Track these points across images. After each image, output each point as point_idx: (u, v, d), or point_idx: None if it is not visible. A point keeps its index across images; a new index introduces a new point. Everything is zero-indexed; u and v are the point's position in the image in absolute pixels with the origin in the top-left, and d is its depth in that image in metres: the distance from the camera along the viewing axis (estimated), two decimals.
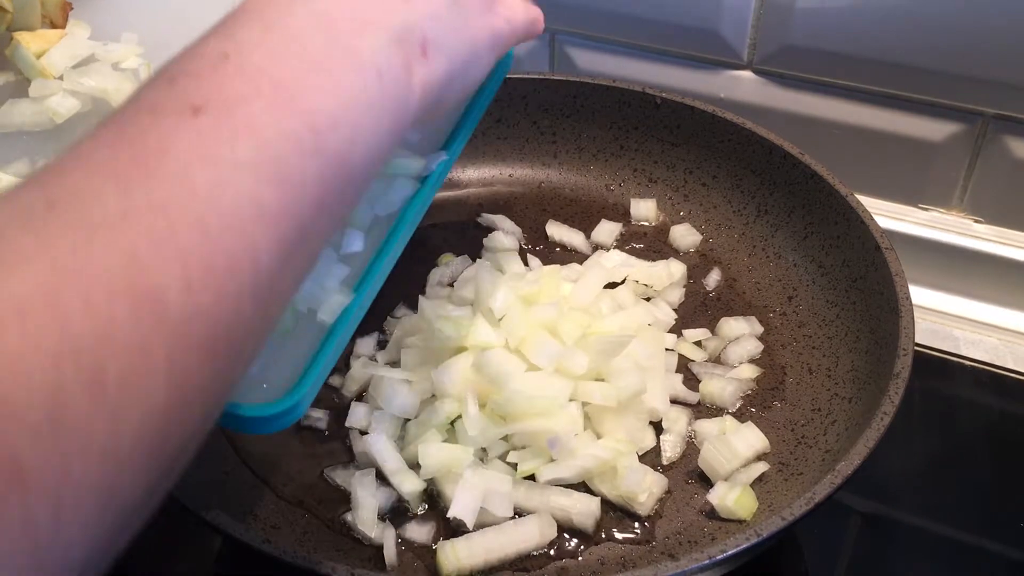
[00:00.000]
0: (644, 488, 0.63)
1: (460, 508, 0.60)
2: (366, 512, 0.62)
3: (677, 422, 0.68)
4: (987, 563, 0.69)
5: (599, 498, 0.63)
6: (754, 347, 0.74)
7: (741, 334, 0.75)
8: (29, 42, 0.57)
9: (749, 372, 0.72)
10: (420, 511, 0.63)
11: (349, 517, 0.63)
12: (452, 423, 0.65)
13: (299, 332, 0.50)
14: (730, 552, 0.52)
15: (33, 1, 0.57)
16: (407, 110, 0.45)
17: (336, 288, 0.51)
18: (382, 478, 0.64)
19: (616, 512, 0.64)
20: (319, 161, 0.39)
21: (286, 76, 0.39)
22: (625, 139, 0.87)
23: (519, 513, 0.62)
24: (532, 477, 0.63)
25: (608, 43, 0.95)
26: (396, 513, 0.63)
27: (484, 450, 0.64)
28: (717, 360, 0.74)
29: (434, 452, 0.62)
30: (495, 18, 0.53)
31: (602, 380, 0.66)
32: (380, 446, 0.64)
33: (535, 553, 0.61)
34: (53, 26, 0.59)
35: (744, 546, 0.53)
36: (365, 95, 0.42)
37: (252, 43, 0.39)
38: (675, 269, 0.79)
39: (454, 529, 0.62)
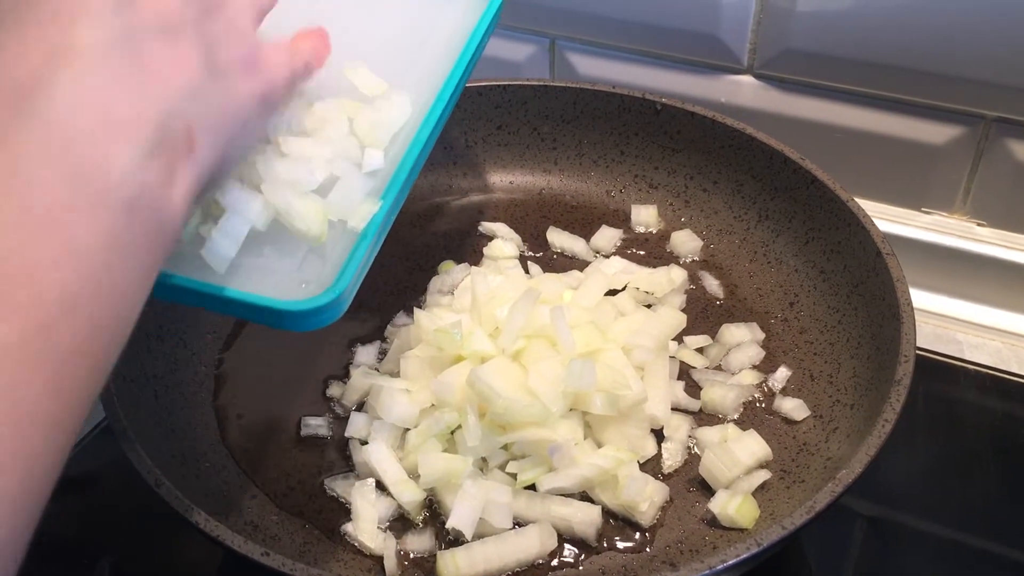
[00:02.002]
0: (645, 497, 0.62)
1: (459, 519, 0.59)
2: (366, 523, 0.61)
3: (678, 430, 0.68)
4: (993, 567, 0.69)
5: (600, 507, 0.63)
6: (755, 353, 0.74)
7: (742, 340, 0.74)
8: None
9: (751, 378, 0.72)
10: (420, 521, 0.63)
11: (349, 527, 0.63)
12: (452, 433, 0.64)
13: (332, 240, 0.53)
14: (731, 562, 0.52)
15: None
16: (168, 234, 0.39)
17: (362, 199, 0.54)
18: (382, 488, 0.64)
19: (617, 521, 0.64)
20: (50, 366, 0.32)
21: (3, 254, 0.32)
22: (626, 145, 0.87)
23: (520, 523, 0.62)
24: (533, 487, 0.63)
25: (608, 49, 0.94)
26: (396, 523, 0.63)
27: (484, 460, 0.64)
28: (718, 367, 0.74)
29: (434, 462, 0.62)
30: (257, 83, 0.47)
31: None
32: (380, 456, 0.64)
33: (536, 563, 0.61)
34: None
35: (745, 555, 0.52)
36: (110, 244, 0.35)
37: None
38: (676, 275, 0.79)
39: (454, 539, 0.62)
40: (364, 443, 0.66)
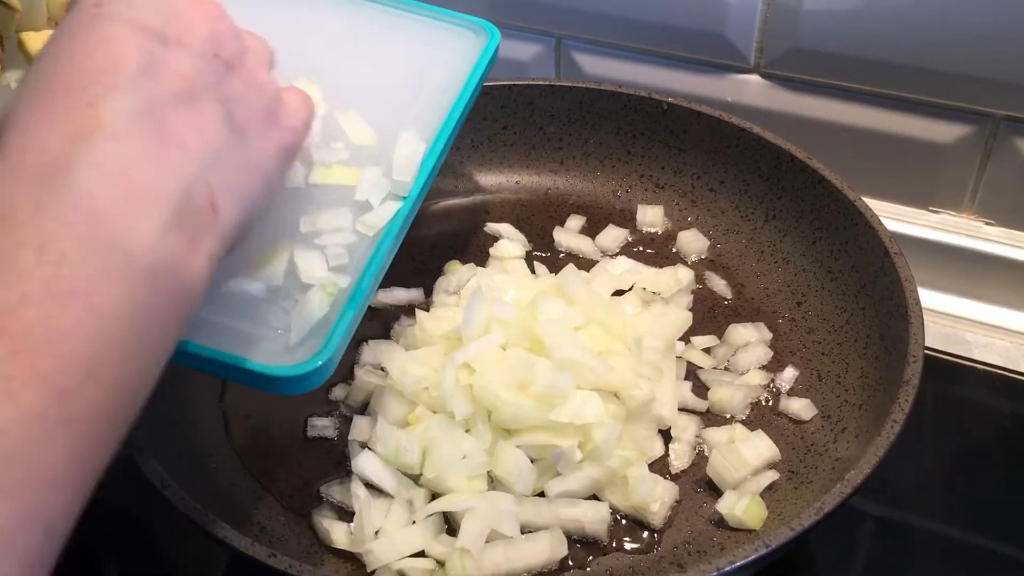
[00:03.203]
0: (656, 497, 0.62)
1: (467, 538, 0.59)
2: (367, 527, 0.61)
3: (686, 430, 0.68)
4: (1002, 568, 0.68)
5: (607, 503, 0.63)
6: (763, 353, 0.74)
7: (750, 340, 0.74)
8: (36, 41, 0.57)
9: (758, 379, 0.72)
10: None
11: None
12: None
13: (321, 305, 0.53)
14: (739, 563, 0.52)
15: (39, 2, 0.58)
16: (189, 297, 0.40)
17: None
18: (380, 492, 0.63)
19: (624, 522, 0.63)
20: (72, 431, 0.33)
21: (26, 326, 0.33)
22: (632, 145, 0.87)
23: (530, 528, 0.62)
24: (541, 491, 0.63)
25: (614, 48, 0.94)
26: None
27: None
28: (726, 367, 0.73)
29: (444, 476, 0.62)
30: (280, 132, 0.47)
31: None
32: (374, 467, 0.63)
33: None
34: (57, 26, 0.59)
35: (753, 557, 0.52)
36: (133, 310, 0.36)
37: None
38: (682, 275, 0.78)
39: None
40: (363, 446, 0.66)
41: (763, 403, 0.71)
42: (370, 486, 0.63)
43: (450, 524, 0.62)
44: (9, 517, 0.32)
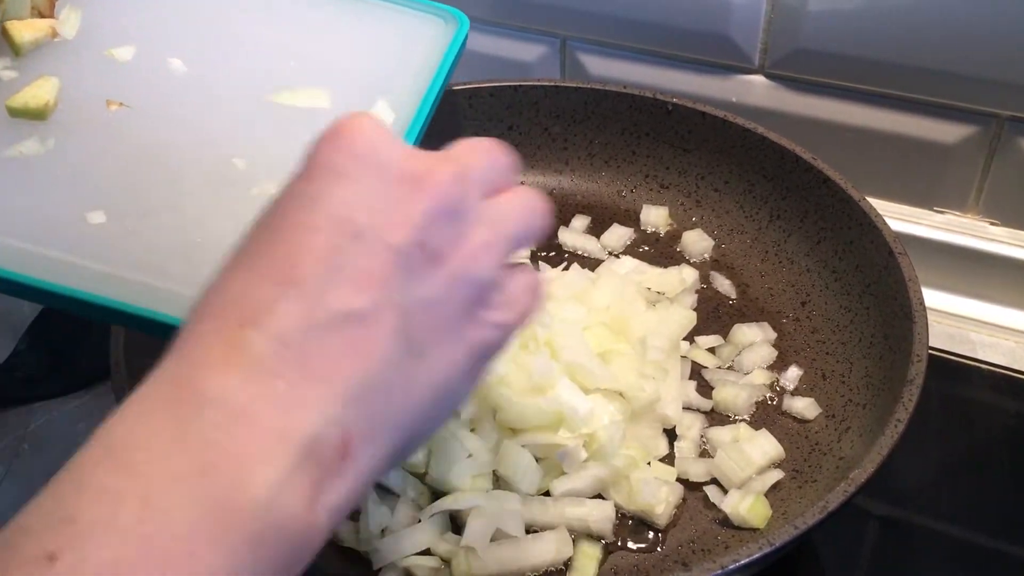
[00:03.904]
0: (661, 499, 0.62)
1: (472, 535, 0.59)
2: (373, 525, 0.61)
3: (690, 429, 0.68)
4: (1006, 567, 0.69)
5: (611, 501, 0.63)
6: (768, 353, 0.74)
7: (754, 340, 0.74)
8: (20, 31, 0.57)
9: (762, 378, 0.72)
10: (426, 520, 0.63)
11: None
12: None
13: None
14: (743, 561, 0.52)
15: None
16: (301, 555, 0.35)
17: None
18: (385, 489, 0.63)
19: (628, 520, 0.64)
20: None
21: None
22: (636, 145, 0.87)
23: (536, 528, 0.62)
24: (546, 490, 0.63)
25: (619, 49, 0.94)
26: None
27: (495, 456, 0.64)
28: (730, 367, 0.74)
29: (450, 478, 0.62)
30: (479, 330, 0.39)
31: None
32: None
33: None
34: (41, 16, 0.59)
35: (757, 555, 0.52)
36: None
37: (91, 533, 0.31)
38: (687, 275, 0.79)
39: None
40: None
41: (767, 402, 0.71)
42: (376, 485, 0.63)
43: (455, 523, 0.62)
44: None
